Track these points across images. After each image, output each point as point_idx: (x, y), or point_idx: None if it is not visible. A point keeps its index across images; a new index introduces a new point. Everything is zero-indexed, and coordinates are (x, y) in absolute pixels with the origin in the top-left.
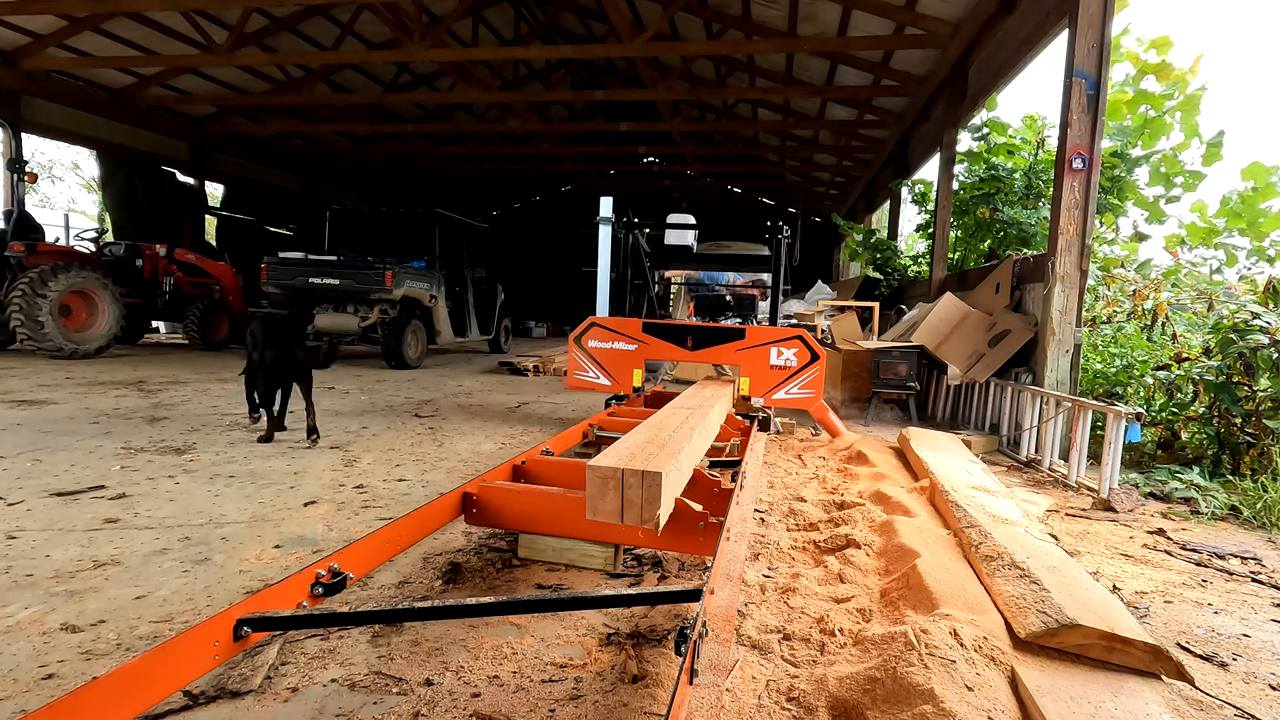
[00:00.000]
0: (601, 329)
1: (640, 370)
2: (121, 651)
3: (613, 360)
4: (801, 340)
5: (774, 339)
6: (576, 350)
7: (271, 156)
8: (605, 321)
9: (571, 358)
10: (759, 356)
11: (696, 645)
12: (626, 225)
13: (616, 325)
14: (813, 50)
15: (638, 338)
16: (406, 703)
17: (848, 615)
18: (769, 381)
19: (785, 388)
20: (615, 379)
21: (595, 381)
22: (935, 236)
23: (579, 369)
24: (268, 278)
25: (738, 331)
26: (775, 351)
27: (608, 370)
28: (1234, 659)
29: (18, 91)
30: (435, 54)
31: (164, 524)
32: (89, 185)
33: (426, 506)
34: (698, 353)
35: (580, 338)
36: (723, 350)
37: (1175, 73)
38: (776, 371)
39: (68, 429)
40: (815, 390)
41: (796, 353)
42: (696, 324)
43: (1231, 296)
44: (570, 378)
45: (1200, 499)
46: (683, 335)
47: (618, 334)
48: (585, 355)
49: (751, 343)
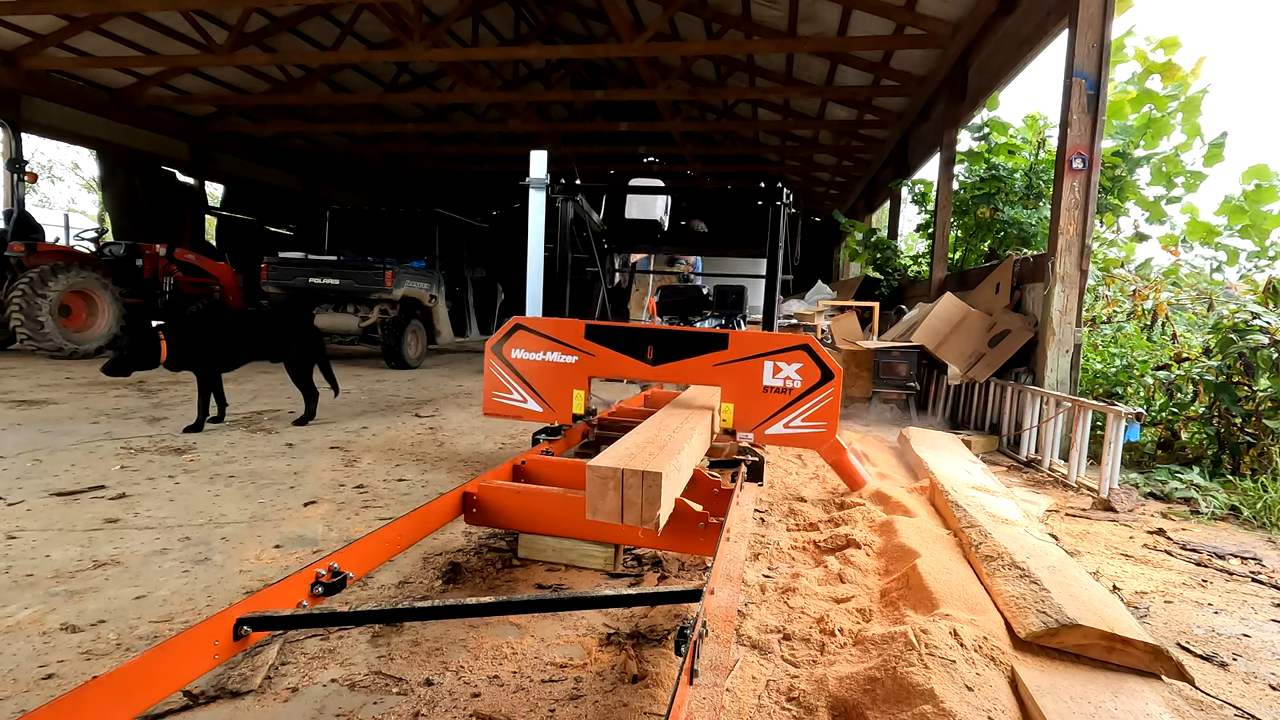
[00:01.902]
0: (530, 334)
1: (583, 391)
2: (121, 651)
3: (545, 377)
4: (808, 351)
5: (768, 349)
6: (495, 363)
7: (271, 156)
8: (535, 324)
9: (489, 372)
10: (747, 374)
11: (696, 645)
12: (565, 190)
13: (550, 329)
14: (813, 50)
15: (579, 346)
16: (406, 703)
17: (848, 615)
18: (761, 410)
19: (785, 419)
20: (548, 403)
21: (520, 406)
22: (935, 236)
23: (499, 388)
24: (268, 278)
25: (717, 339)
26: (770, 367)
27: (538, 391)
28: (1234, 659)
29: (18, 91)
30: (435, 54)
31: (164, 524)
32: (89, 185)
33: (426, 506)
34: (661, 368)
35: (501, 346)
36: (696, 365)
37: (1179, 73)
38: (772, 396)
39: (68, 429)
40: (828, 422)
41: (800, 369)
42: (661, 327)
43: (1231, 296)
44: (487, 399)
45: (1200, 499)
46: (640, 343)
47: (552, 341)
48: (507, 369)
49: (737, 354)
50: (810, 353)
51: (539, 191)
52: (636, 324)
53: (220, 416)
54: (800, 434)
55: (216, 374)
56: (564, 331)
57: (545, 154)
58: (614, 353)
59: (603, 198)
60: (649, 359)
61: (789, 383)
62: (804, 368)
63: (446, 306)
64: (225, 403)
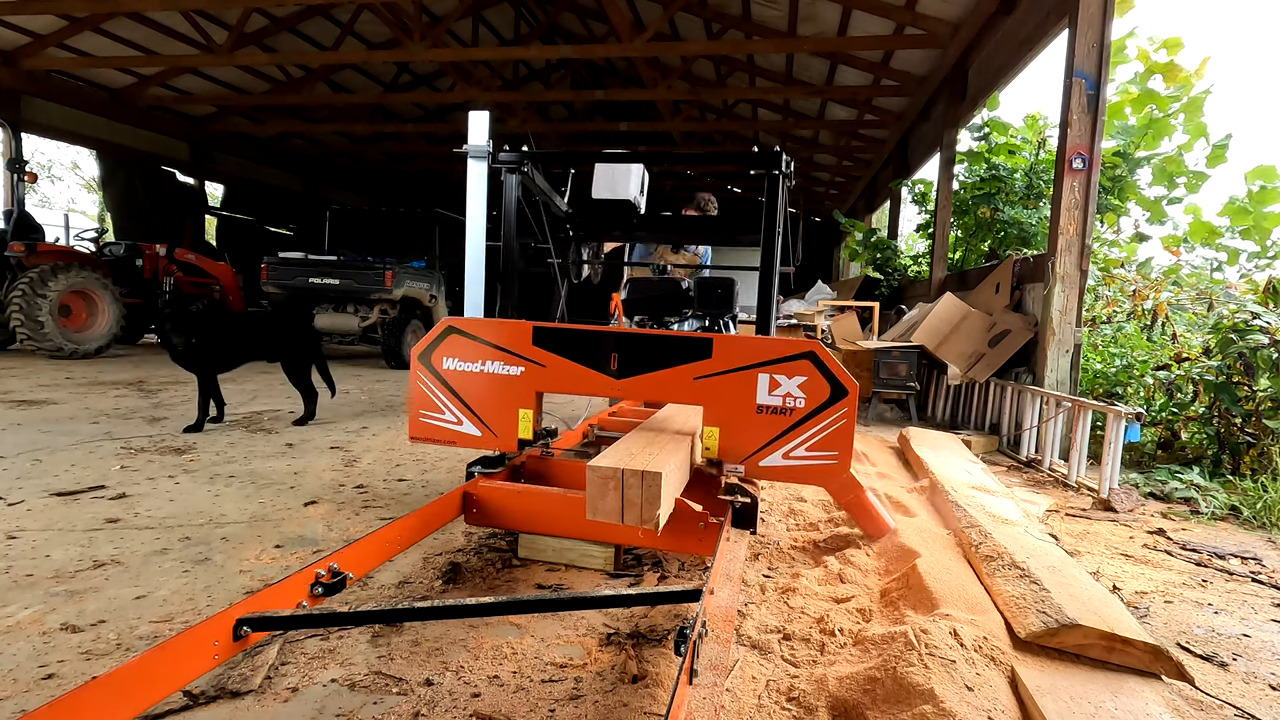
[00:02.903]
0: (466, 339)
1: (531, 411)
2: (121, 651)
3: (484, 393)
4: (813, 361)
5: (764, 358)
6: (423, 374)
7: (271, 156)
8: (471, 326)
9: (415, 386)
10: (736, 390)
11: (696, 645)
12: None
13: (490, 333)
14: (813, 50)
15: (525, 354)
16: (406, 703)
17: (848, 615)
18: (754, 435)
19: (784, 446)
20: (488, 425)
21: (453, 429)
22: (935, 236)
23: (428, 407)
24: (268, 278)
25: (698, 345)
26: (766, 381)
27: (475, 410)
28: (1234, 659)
29: (18, 91)
30: (435, 54)
31: (164, 524)
32: (89, 185)
33: (426, 506)
34: (627, 382)
35: (430, 353)
36: (672, 379)
37: (1182, 74)
38: (768, 418)
39: (68, 429)
40: (840, 452)
41: (805, 383)
42: (628, 331)
43: (1231, 296)
44: (413, 420)
45: (1200, 499)
46: (602, 350)
47: (492, 348)
48: (437, 383)
49: (724, 364)
50: (817, 362)
51: (479, 162)
52: (598, 327)
53: (219, 417)
54: (804, 466)
55: (214, 374)
56: (507, 336)
57: (487, 115)
58: (569, 362)
59: (569, 175)
60: (612, 370)
61: (790, 401)
62: (809, 381)
63: (446, 306)
64: (224, 403)
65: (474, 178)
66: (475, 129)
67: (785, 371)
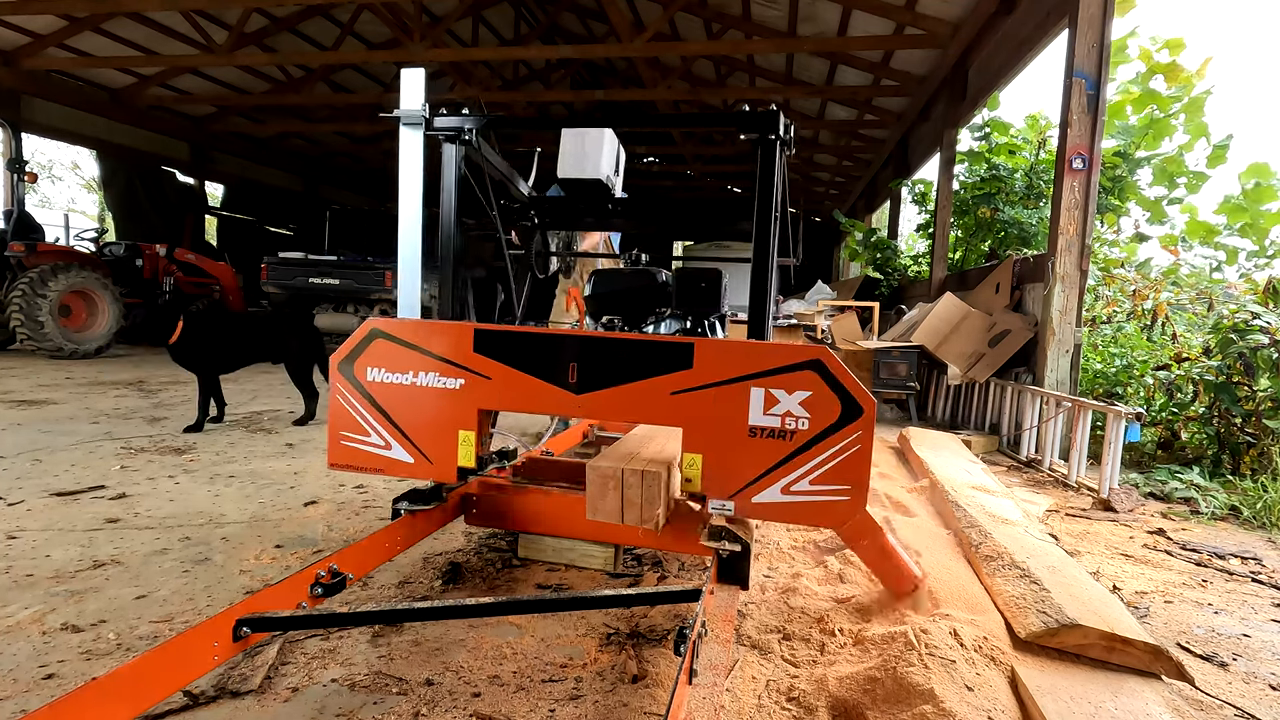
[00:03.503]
0: (394, 345)
1: (473, 432)
2: (122, 651)
3: (416, 410)
4: (820, 371)
5: (758, 368)
6: (344, 388)
7: (271, 156)
8: (399, 329)
9: (335, 402)
10: (723, 407)
11: (696, 645)
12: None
13: (421, 337)
14: (813, 50)
15: (465, 364)
16: (407, 702)
17: (848, 615)
18: (746, 464)
19: (783, 479)
20: (421, 450)
21: (381, 454)
22: (935, 236)
23: (350, 427)
24: (268, 278)
25: (677, 351)
26: (761, 397)
27: (405, 431)
28: (1234, 659)
29: (18, 91)
30: (435, 54)
31: (164, 524)
32: (89, 185)
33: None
34: (589, 398)
35: (352, 363)
36: (644, 394)
37: (1183, 74)
38: (763, 444)
39: (68, 429)
40: (854, 487)
41: (809, 399)
42: (590, 334)
43: (1231, 296)
44: (332, 443)
45: (1200, 499)
46: (558, 358)
47: (425, 355)
48: (360, 398)
49: (708, 376)
50: (824, 373)
51: (414, 130)
52: (554, 329)
53: (219, 417)
54: (808, 504)
55: (215, 374)
56: (443, 341)
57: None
58: (518, 373)
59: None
60: (570, 383)
61: (790, 422)
62: (814, 397)
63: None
64: (224, 403)
65: (407, 149)
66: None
67: (784, 385)
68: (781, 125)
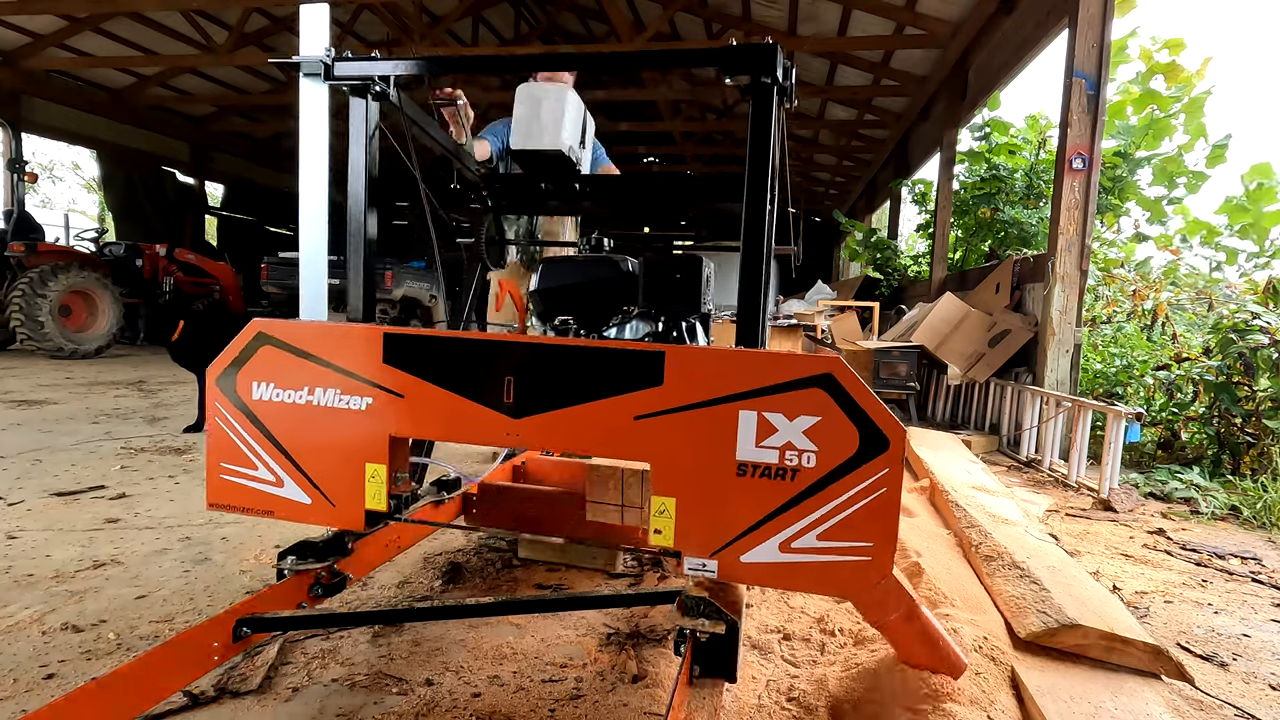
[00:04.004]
0: (285, 353)
1: (384, 466)
2: (122, 651)
3: (314, 438)
4: (831, 389)
5: (749, 385)
6: (225, 408)
7: (271, 157)
8: (291, 334)
9: (214, 426)
10: (703, 437)
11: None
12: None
13: (319, 344)
14: (813, 50)
15: (372, 378)
16: (407, 702)
17: (848, 615)
18: (732, 511)
19: (782, 531)
20: (319, 488)
21: (270, 493)
22: (935, 236)
23: (231, 457)
24: (268, 278)
25: (642, 361)
26: (753, 422)
27: (299, 464)
28: (1234, 659)
29: (18, 91)
30: (435, 54)
31: (164, 524)
32: (89, 185)
33: (427, 507)
34: (529, 421)
35: (233, 376)
36: (599, 416)
37: (1183, 74)
38: (755, 485)
39: (68, 429)
40: (878, 544)
41: (818, 425)
42: (533, 340)
43: (1231, 296)
44: (211, 479)
45: (1200, 499)
46: (493, 371)
47: (323, 366)
48: (244, 420)
49: (684, 395)
50: (837, 392)
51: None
52: (485, 334)
53: None
54: (816, 564)
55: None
56: (344, 348)
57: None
58: (439, 390)
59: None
60: (506, 403)
61: (792, 456)
62: (824, 424)
63: (446, 307)
64: None
65: (309, 105)
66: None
67: (784, 407)
68: (780, 65)
